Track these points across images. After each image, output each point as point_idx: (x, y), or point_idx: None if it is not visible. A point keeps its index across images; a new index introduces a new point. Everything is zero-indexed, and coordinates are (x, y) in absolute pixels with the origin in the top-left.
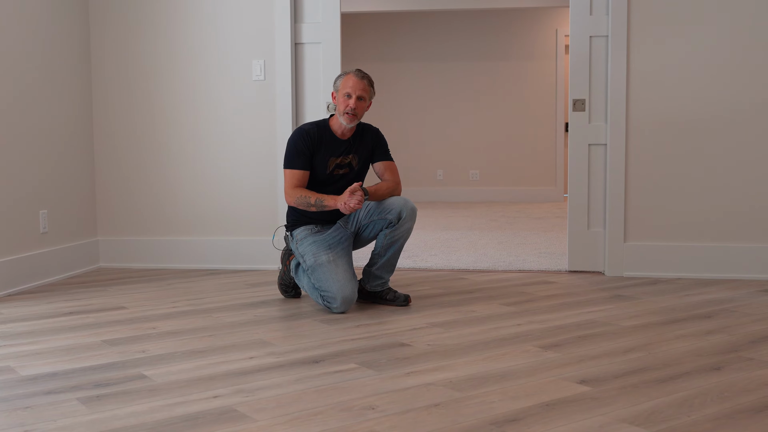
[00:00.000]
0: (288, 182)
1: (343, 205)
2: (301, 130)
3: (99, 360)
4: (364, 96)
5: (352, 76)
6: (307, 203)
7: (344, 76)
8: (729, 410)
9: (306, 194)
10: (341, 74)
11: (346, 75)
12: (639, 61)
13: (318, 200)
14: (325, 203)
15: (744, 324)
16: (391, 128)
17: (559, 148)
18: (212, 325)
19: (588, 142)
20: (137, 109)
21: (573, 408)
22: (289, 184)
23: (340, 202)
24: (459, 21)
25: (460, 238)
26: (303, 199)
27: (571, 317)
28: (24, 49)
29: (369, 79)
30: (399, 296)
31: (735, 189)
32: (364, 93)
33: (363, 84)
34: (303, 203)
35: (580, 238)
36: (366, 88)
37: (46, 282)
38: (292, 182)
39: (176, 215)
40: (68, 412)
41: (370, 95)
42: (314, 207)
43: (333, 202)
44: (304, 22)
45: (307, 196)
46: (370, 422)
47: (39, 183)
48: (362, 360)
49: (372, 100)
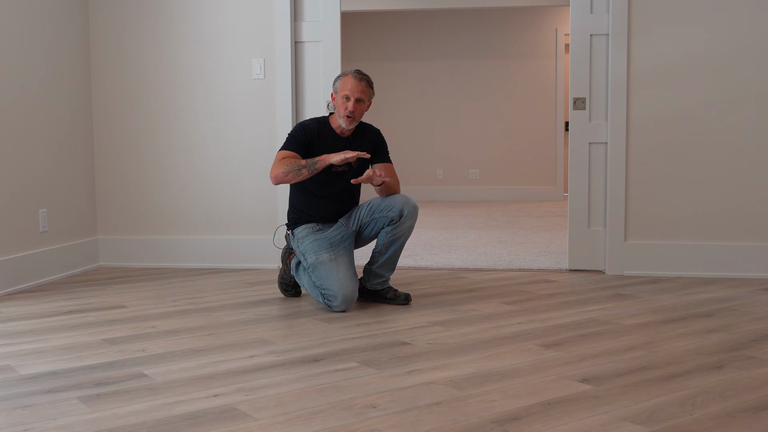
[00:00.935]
0: (275, 159)
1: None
2: (300, 124)
3: (99, 359)
4: (362, 98)
5: (351, 78)
6: (297, 167)
7: (343, 77)
8: (731, 409)
9: (295, 160)
10: (340, 75)
11: (344, 76)
12: (639, 59)
13: (309, 161)
14: (317, 162)
15: (745, 322)
16: (390, 127)
17: (559, 146)
18: (212, 323)
19: (588, 141)
20: (137, 108)
21: (574, 406)
22: (276, 160)
23: (337, 155)
24: (459, 20)
25: (460, 237)
26: (293, 165)
27: (572, 316)
28: (24, 49)
29: (368, 81)
30: (399, 295)
31: (736, 187)
32: (362, 95)
33: (361, 86)
34: (293, 169)
35: (581, 236)
36: (364, 90)
37: (45, 281)
38: (278, 157)
39: (176, 214)
40: (68, 410)
41: (369, 96)
42: (306, 169)
43: (328, 157)
44: (304, 20)
45: (297, 161)
46: (371, 421)
47: (39, 182)
48: (363, 359)
49: (371, 100)
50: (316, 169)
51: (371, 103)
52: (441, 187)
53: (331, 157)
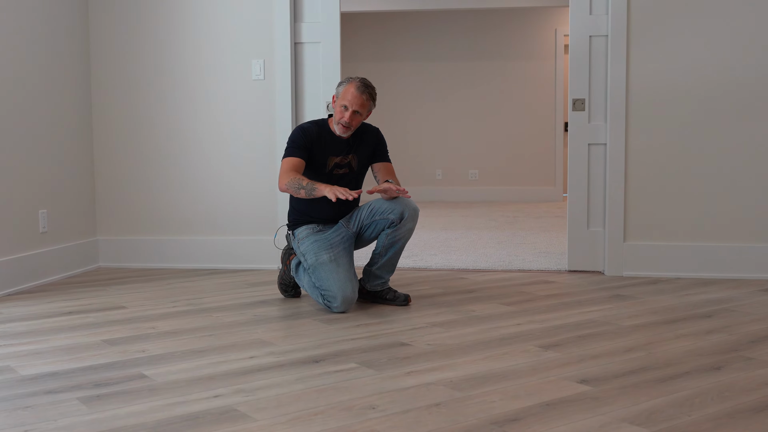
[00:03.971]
0: (283, 168)
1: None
2: (299, 127)
3: (99, 360)
4: (360, 111)
5: (353, 89)
6: (298, 185)
7: (347, 84)
8: (729, 410)
9: (299, 177)
10: (344, 81)
11: (348, 83)
12: (639, 60)
13: (309, 184)
14: (316, 188)
15: (744, 323)
16: (390, 128)
17: (558, 147)
18: (212, 324)
19: (588, 142)
20: (136, 109)
21: (573, 408)
22: (284, 169)
23: (333, 190)
24: (458, 21)
25: (459, 237)
26: (295, 182)
27: (571, 317)
28: (24, 50)
29: (370, 94)
30: (399, 296)
31: (735, 188)
32: (361, 108)
33: (362, 99)
34: (294, 185)
35: (580, 237)
36: (364, 103)
37: (45, 282)
38: (286, 167)
39: (176, 215)
40: (68, 411)
41: (369, 109)
42: (304, 191)
43: (324, 188)
44: (304, 21)
45: (300, 179)
46: (371, 422)
47: (38, 182)
48: (362, 359)
49: (371, 111)
50: (313, 195)
51: (370, 113)
52: (440, 188)
53: (327, 191)
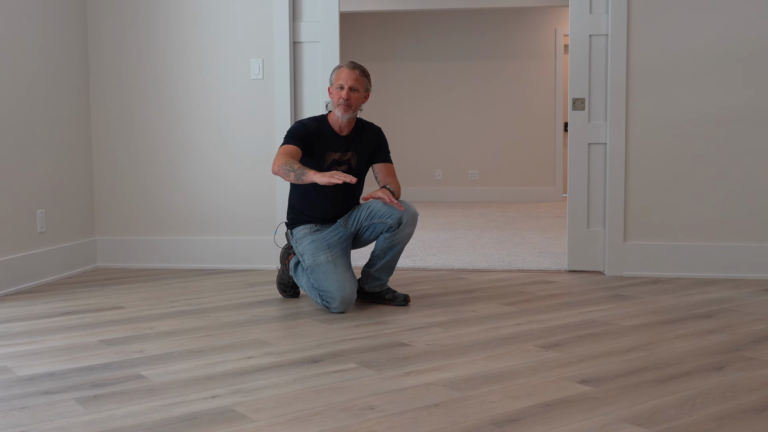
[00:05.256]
0: (278, 152)
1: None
2: (299, 121)
3: (96, 360)
4: (357, 87)
5: (344, 68)
6: (289, 168)
7: (337, 69)
8: (731, 410)
9: (291, 161)
10: (335, 68)
11: (339, 68)
12: (639, 59)
13: (300, 169)
14: (306, 173)
15: (745, 323)
16: (389, 128)
17: (558, 147)
18: (210, 324)
19: (588, 141)
20: (135, 109)
21: (574, 408)
22: (278, 153)
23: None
24: (458, 20)
25: (459, 237)
26: (287, 165)
27: (571, 317)
28: (22, 49)
29: (361, 70)
30: (398, 296)
31: (736, 188)
32: (356, 84)
33: (355, 74)
34: (285, 168)
35: (580, 237)
36: (359, 78)
37: (43, 282)
38: (281, 151)
39: (174, 215)
40: (65, 412)
41: (365, 86)
42: (294, 174)
43: (315, 174)
44: (303, 20)
45: (292, 162)
46: (370, 422)
47: (36, 182)
48: (361, 360)
49: (369, 92)
50: (302, 180)
51: (368, 95)
52: (440, 188)
53: (318, 177)
